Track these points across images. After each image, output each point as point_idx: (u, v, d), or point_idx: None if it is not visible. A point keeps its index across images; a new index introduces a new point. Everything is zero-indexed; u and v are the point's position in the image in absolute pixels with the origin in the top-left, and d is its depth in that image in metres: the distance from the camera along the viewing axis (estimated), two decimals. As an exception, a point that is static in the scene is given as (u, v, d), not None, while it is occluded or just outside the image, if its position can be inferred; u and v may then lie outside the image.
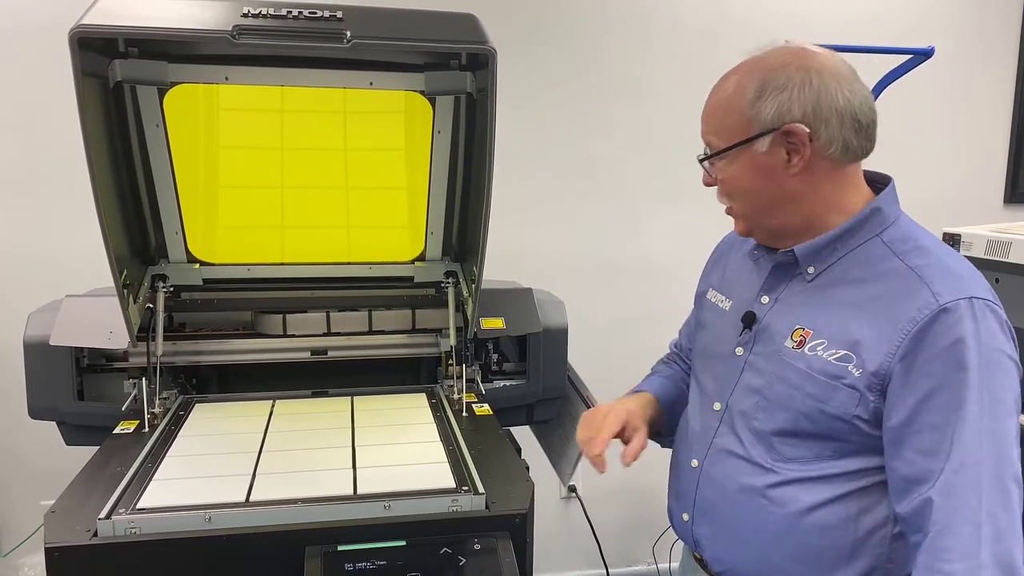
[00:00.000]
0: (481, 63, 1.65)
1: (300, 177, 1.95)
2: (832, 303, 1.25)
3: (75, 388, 1.86)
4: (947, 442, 1.11)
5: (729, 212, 1.35)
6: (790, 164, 1.23)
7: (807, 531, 1.25)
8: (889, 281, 1.21)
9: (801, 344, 1.26)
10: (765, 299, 1.34)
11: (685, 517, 1.41)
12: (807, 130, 1.19)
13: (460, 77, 1.80)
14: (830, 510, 1.24)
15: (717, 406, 1.37)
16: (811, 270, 1.29)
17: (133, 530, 1.29)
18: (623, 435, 1.45)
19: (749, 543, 1.30)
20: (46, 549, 1.25)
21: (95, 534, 1.28)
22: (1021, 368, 1.18)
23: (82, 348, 1.86)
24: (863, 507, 1.24)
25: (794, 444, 1.26)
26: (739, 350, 1.35)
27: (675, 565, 1.60)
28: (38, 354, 1.83)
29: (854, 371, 1.19)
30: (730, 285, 1.45)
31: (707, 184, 1.33)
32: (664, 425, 1.57)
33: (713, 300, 1.48)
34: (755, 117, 1.22)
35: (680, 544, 1.51)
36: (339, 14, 1.49)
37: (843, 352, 1.21)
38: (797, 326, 1.27)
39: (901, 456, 1.16)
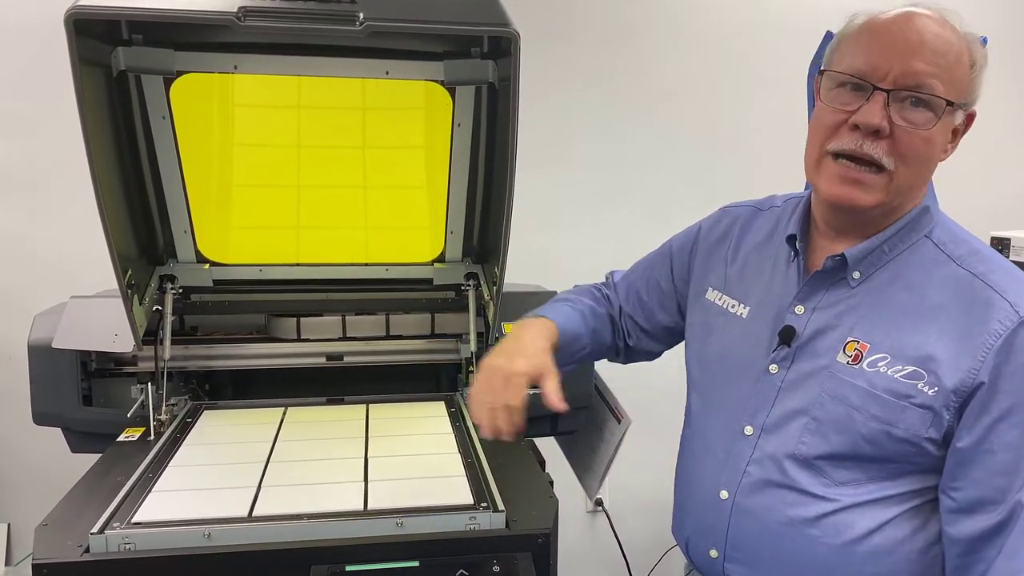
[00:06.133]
0: (503, 50, 1.56)
1: (316, 176, 1.88)
2: (886, 312, 1.14)
3: (81, 393, 1.80)
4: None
5: (853, 178, 1.12)
6: (948, 147, 1.16)
7: (862, 559, 1.15)
8: (953, 289, 1.11)
9: (858, 359, 1.14)
10: (800, 309, 1.22)
11: (714, 554, 1.27)
12: None
13: (481, 66, 1.72)
14: (885, 534, 1.14)
15: (749, 431, 1.24)
16: (856, 275, 1.18)
17: (127, 546, 1.21)
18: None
19: None
20: (33, 565, 1.18)
21: (87, 550, 1.21)
22: None
23: (89, 352, 1.80)
24: (915, 527, 1.15)
25: (848, 467, 1.15)
26: (773, 367, 1.22)
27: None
28: (43, 358, 1.78)
29: (926, 389, 1.09)
30: (743, 289, 1.32)
31: (872, 126, 1.09)
32: (557, 356, 1.34)
33: (720, 304, 1.34)
34: (972, 86, 1.14)
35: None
36: (352, -6, 1.41)
37: (911, 368, 1.10)
38: (849, 339, 1.16)
39: (969, 476, 1.08)
